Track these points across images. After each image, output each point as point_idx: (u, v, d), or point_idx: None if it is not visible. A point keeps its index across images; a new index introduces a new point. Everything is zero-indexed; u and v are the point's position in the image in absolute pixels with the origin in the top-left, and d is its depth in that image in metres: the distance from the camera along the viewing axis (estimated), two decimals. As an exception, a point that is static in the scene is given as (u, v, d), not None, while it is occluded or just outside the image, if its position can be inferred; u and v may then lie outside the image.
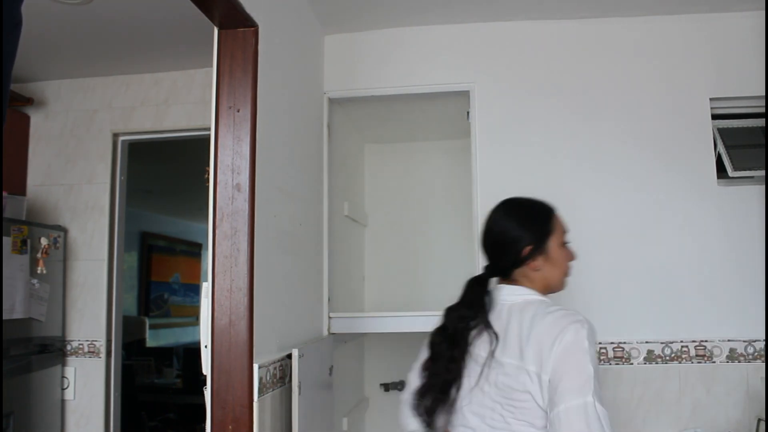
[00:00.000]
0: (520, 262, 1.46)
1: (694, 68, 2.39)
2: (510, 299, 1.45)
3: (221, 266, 1.60)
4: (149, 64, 2.87)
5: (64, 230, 2.87)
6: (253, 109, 1.66)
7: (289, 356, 1.81)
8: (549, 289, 1.49)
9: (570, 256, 1.52)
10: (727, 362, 2.23)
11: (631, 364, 2.26)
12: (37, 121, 3.00)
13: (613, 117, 2.39)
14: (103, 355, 2.80)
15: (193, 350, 4.64)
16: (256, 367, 1.58)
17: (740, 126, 2.42)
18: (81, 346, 2.82)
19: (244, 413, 1.54)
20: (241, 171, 1.63)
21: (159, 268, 6.65)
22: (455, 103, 2.58)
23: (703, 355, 2.24)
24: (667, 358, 2.25)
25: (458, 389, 1.44)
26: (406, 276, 3.15)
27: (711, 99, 2.38)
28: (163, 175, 4.80)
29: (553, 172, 2.38)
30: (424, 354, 1.54)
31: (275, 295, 1.81)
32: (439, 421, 1.47)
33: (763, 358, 2.22)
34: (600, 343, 2.28)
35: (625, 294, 2.30)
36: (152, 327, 6.17)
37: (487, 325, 1.42)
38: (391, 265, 3.18)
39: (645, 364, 2.26)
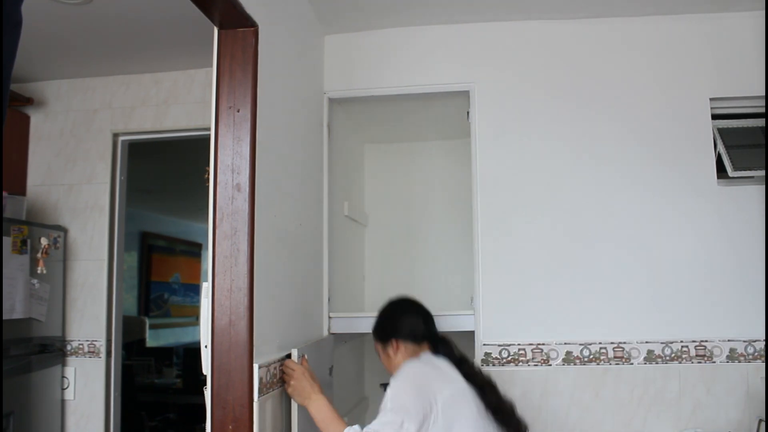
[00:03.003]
0: None
1: (694, 68, 2.39)
2: None
3: (221, 266, 1.60)
4: (149, 64, 2.87)
5: (64, 230, 2.87)
6: (253, 109, 1.66)
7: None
8: None
9: None
10: (727, 362, 2.23)
11: (631, 364, 2.26)
12: (37, 121, 3.00)
13: (613, 117, 2.39)
14: (103, 355, 2.80)
15: (193, 350, 4.63)
16: (256, 367, 1.58)
17: (740, 126, 2.42)
18: (81, 346, 2.82)
19: (244, 413, 1.54)
20: (241, 171, 1.63)
21: (159, 268, 6.64)
22: (455, 103, 2.58)
23: (703, 355, 2.24)
24: (667, 358, 2.25)
25: None
26: (406, 276, 3.14)
27: (711, 99, 2.38)
28: (163, 175, 4.80)
29: (552, 172, 2.38)
30: None
31: (275, 295, 1.81)
32: None
33: (763, 358, 2.22)
34: (600, 343, 2.28)
35: (625, 294, 2.29)
36: (152, 327, 6.16)
37: None
38: (391, 265, 3.17)
39: (645, 364, 2.26)
